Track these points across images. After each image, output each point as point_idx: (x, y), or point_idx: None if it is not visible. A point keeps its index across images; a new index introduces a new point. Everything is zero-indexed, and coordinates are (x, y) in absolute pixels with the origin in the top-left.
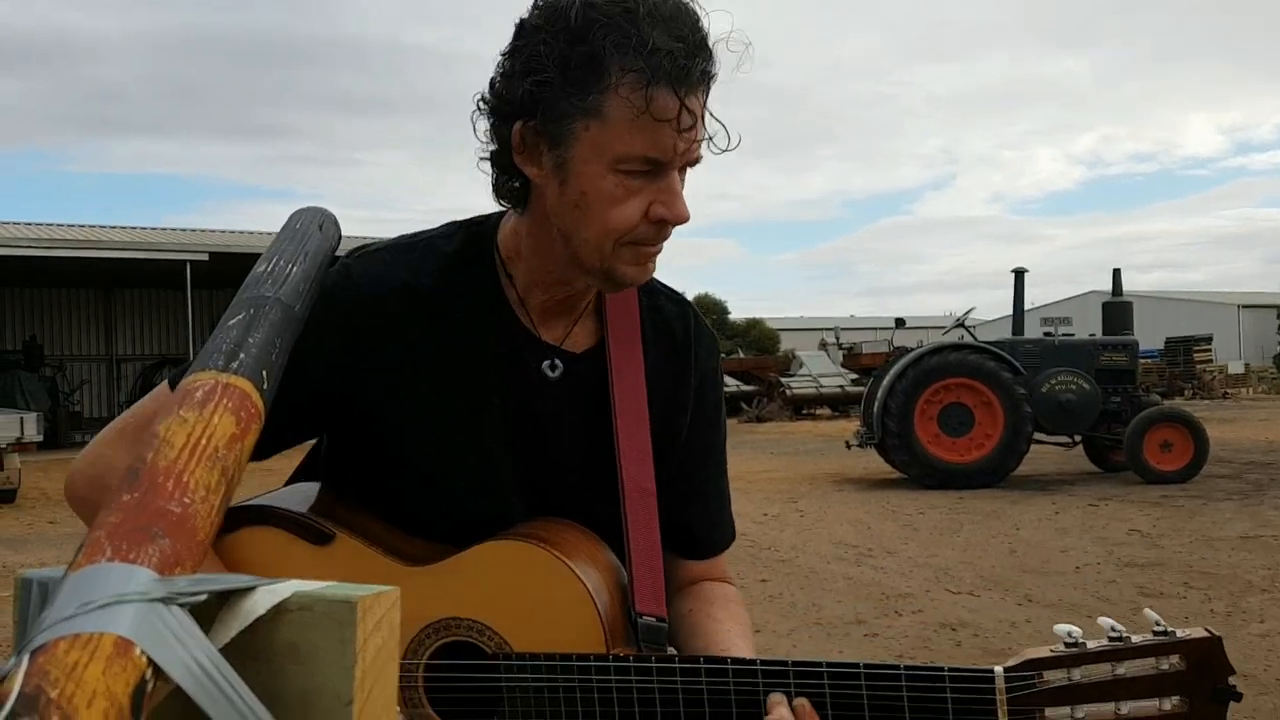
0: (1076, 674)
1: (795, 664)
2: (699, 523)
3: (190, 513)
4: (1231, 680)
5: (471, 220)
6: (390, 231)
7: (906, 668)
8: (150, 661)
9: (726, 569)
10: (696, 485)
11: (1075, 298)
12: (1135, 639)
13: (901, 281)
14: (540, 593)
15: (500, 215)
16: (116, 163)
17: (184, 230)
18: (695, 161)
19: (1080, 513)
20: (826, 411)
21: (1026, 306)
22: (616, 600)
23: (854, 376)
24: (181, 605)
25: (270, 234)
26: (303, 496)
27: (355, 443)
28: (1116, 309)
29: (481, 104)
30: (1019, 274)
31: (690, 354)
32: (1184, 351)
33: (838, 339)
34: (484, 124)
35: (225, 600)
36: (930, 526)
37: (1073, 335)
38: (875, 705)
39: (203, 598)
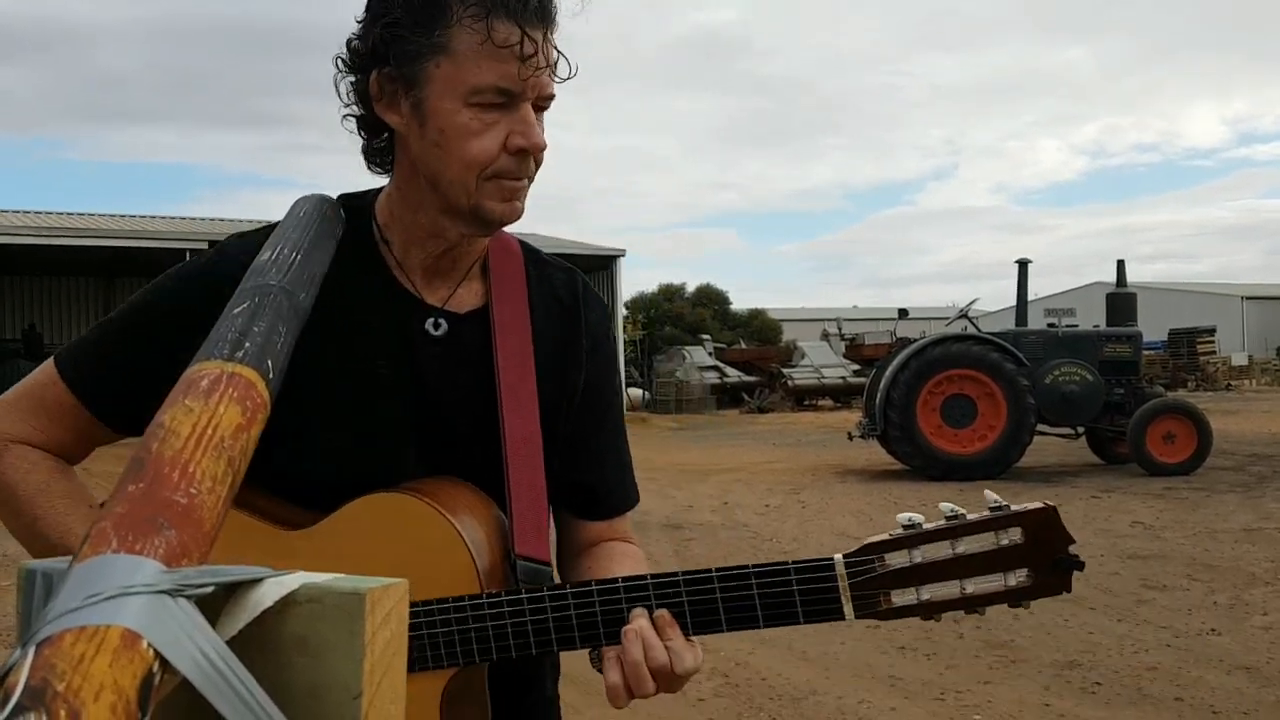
0: (917, 555)
1: (654, 578)
2: (598, 482)
3: (197, 503)
4: (1072, 549)
5: (347, 194)
6: None
7: (755, 567)
8: (157, 654)
9: (630, 532)
10: (594, 446)
11: (1079, 289)
12: (971, 516)
13: (904, 272)
14: (414, 541)
15: (378, 191)
16: (116, 151)
17: (184, 218)
18: (549, 97)
19: (1083, 504)
20: (829, 402)
21: (1030, 298)
22: (495, 545)
23: (856, 367)
24: (188, 597)
25: (272, 223)
26: None
27: None
28: (1120, 300)
29: (340, 64)
30: (1023, 265)
31: (580, 317)
32: (1187, 343)
33: (840, 330)
34: (345, 85)
35: (232, 592)
36: (933, 518)
37: (1076, 326)
38: (730, 607)
39: (210, 590)
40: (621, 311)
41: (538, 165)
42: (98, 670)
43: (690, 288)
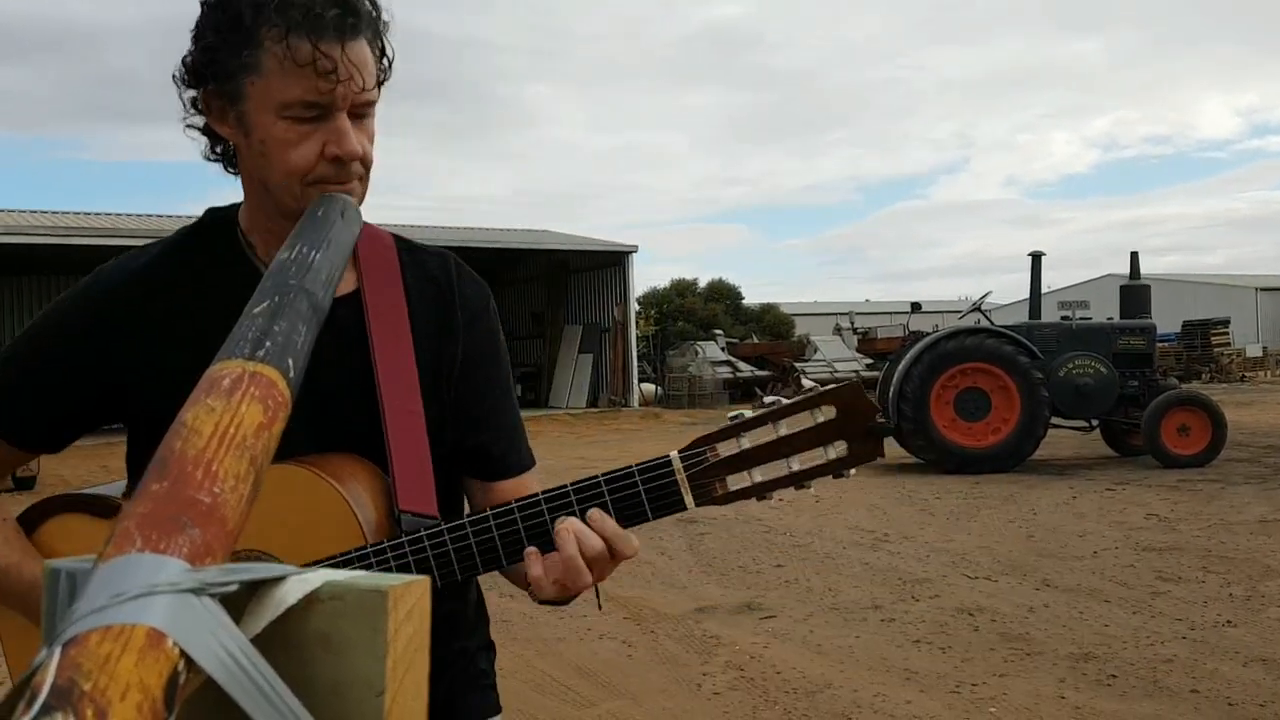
0: (745, 441)
1: (518, 502)
2: (490, 443)
3: (220, 502)
4: (879, 419)
5: (213, 208)
6: (402, 219)
7: (605, 475)
8: (183, 653)
9: (535, 488)
10: (482, 412)
11: (1092, 281)
12: (786, 401)
13: (916, 266)
14: (302, 508)
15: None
16: (129, 150)
17: (197, 218)
18: (365, 104)
19: (1098, 497)
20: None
21: (1043, 290)
22: (380, 503)
23: (869, 361)
24: (213, 596)
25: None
26: (120, 484)
27: (134, 423)
28: (1134, 292)
29: (176, 79)
30: (1036, 257)
31: (454, 293)
32: (1201, 335)
33: (853, 324)
34: (185, 97)
35: (256, 590)
36: (947, 511)
37: (1090, 319)
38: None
39: (234, 588)
40: (634, 307)
41: (366, 168)
42: (124, 669)
43: (702, 283)
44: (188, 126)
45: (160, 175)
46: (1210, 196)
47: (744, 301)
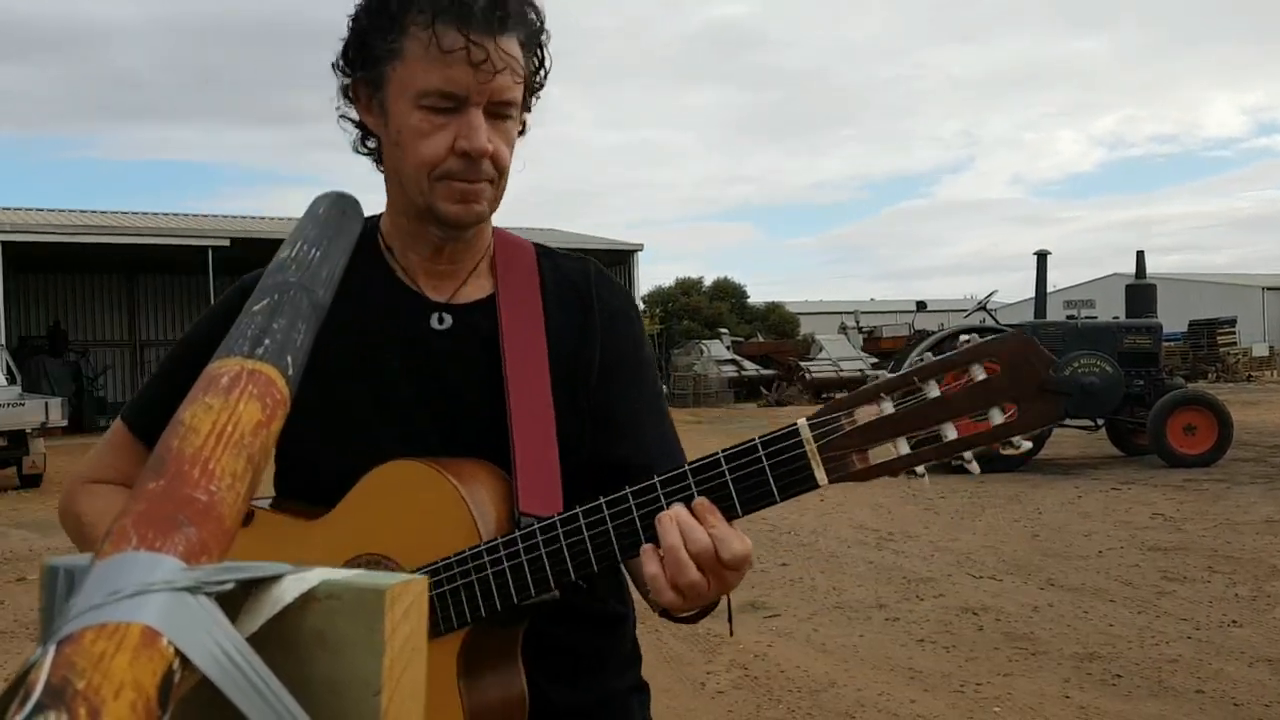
0: (888, 405)
1: (634, 490)
2: (631, 455)
3: (217, 500)
4: (1055, 372)
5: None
6: None
7: (725, 451)
8: (177, 652)
9: None
10: (623, 421)
11: (1098, 280)
12: (935, 356)
13: (921, 265)
14: (418, 506)
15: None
16: (138, 149)
17: (206, 216)
18: (504, 103)
19: (1103, 496)
20: (846, 395)
21: (1049, 289)
22: (500, 505)
23: (874, 360)
24: (208, 594)
25: (292, 219)
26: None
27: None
28: (1140, 292)
29: (335, 68)
30: (1041, 256)
31: (591, 295)
32: (1208, 334)
33: (858, 323)
34: (340, 85)
35: (252, 589)
36: (951, 511)
37: (1095, 318)
38: (712, 497)
39: (230, 586)
40: (639, 306)
41: (500, 171)
42: (118, 668)
43: (707, 281)
44: (341, 117)
45: (168, 174)
46: (1216, 195)
47: (749, 300)
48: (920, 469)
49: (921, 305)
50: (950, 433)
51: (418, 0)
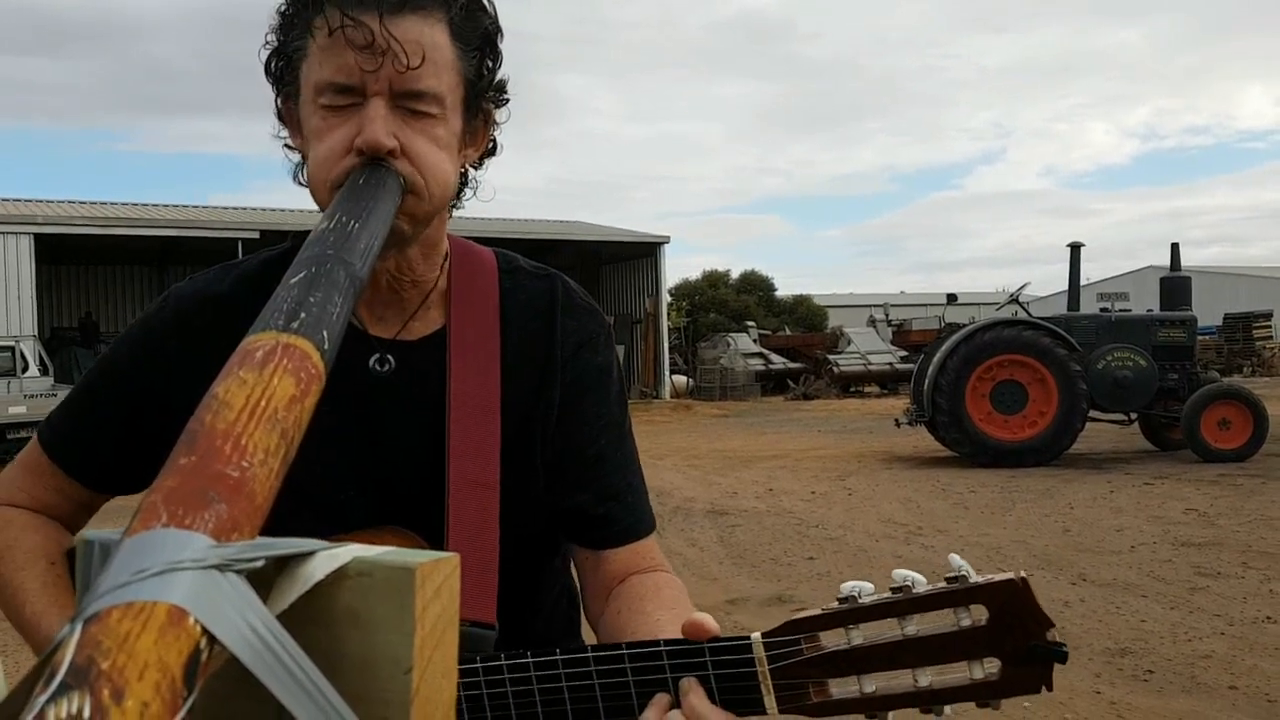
0: (857, 635)
1: (565, 656)
2: (590, 504)
3: (248, 476)
4: (1050, 635)
5: (303, 230)
6: None
7: (667, 644)
8: (205, 631)
9: (658, 556)
10: (587, 466)
11: (1132, 273)
12: (921, 589)
13: (952, 257)
14: None
15: None
16: (170, 142)
17: (236, 208)
18: (411, 93)
19: (1136, 491)
20: (875, 389)
21: (1082, 282)
22: None
23: (903, 354)
24: (238, 572)
25: (319, 214)
26: None
27: None
28: (1175, 284)
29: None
30: (1075, 248)
31: (555, 323)
32: (1243, 328)
33: (887, 316)
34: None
35: (284, 566)
36: (981, 505)
37: (1130, 311)
38: (642, 687)
39: (260, 564)
40: (666, 298)
41: (427, 178)
42: (143, 648)
43: (735, 274)
44: (285, 145)
45: (199, 166)
46: (1251, 187)
47: (777, 293)
48: (999, 704)
49: (952, 298)
50: (924, 679)
51: None
